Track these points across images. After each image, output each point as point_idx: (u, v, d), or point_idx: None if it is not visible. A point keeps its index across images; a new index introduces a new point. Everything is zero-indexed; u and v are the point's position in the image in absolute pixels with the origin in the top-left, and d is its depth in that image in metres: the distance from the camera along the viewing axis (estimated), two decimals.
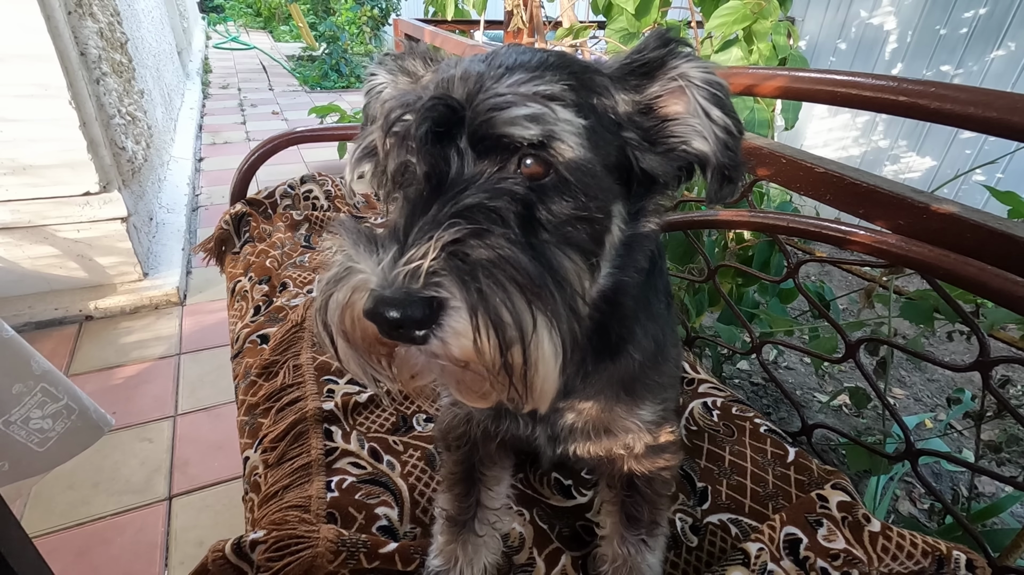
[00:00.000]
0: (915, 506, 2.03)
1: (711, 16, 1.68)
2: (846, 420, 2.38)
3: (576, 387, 0.67)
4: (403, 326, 0.41)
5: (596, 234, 0.54)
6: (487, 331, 0.41)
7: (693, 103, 0.54)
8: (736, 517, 0.96)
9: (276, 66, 7.95)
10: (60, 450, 0.97)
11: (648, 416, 0.72)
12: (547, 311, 0.44)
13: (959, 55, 3.29)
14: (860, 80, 0.87)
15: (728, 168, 0.56)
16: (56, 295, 2.45)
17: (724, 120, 0.54)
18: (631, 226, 0.58)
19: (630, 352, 0.66)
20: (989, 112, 0.73)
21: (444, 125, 0.49)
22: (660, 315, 0.70)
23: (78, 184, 2.30)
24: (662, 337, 0.70)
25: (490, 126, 0.48)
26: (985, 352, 0.85)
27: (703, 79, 0.54)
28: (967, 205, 0.83)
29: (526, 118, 0.47)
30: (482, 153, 0.49)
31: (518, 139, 0.47)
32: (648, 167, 0.56)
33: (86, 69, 2.25)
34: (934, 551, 0.85)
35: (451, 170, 0.49)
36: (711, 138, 0.54)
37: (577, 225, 0.51)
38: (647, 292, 0.67)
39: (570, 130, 0.48)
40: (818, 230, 1.03)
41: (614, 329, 0.64)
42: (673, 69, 0.55)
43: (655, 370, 0.70)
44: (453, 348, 0.42)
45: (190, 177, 3.80)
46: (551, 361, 0.44)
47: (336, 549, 0.78)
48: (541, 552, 0.87)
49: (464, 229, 0.43)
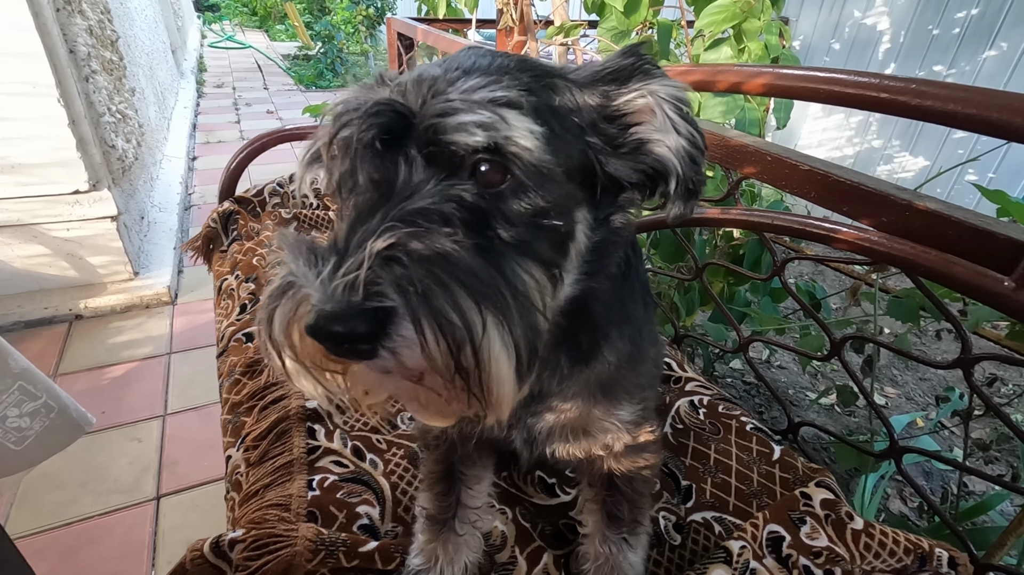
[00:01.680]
0: (906, 504, 2.03)
1: (701, 14, 1.68)
2: (838, 419, 2.38)
3: (552, 390, 0.66)
4: (348, 341, 0.39)
5: (558, 242, 0.52)
6: (434, 334, 0.39)
7: (660, 116, 0.54)
8: (720, 515, 0.95)
9: (271, 65, 7.93)
10: (38, 449, 0.96)
11: (627, 416, 0.71)
12: (496, 311, 0.42)
13: (952, 55, 3.30)
14: (842, 77, 0.86)
15: (692, 181, 0.56)
16: (46, 294, 2.44)
17: (690, 132, 0.55)
18: (599, 231, 0.57)
19: (605, 355, 0.66)
20: (968, 108, 0.73)
21: (392, 131, 0.48)
22: (636, 316, 0.69)
23: (67, 183, 2.29)
24: (639, 338, 0.69)
25: (437, 132, 0.46)
26: (967, 349, 0.85)
27: (670, 94, 0.54)
28: (948, 202, 0.83)
29: (474, 124, 0.45)
30: (431, 160, 0.48)
31: (463, 146, 0.46)
32: (613, 171, 0.55)
33: (75, 67, 2.24)
34: (916, 549, 0.85)
35: (399, 178, 0.47)
36: (677, 151, 0.55)
37: (537, 233, 0.50)
38: (623, 294, 0.66)
39: (524, 134, 0.47)
40: (803, 227, 1.03)
41: (586, 334, 0.63)
42: (641, 83, 0.55)
43: (632, 371, 0.69)
44: (404, 359, 0.40)
45: (183, 176, 3.78)
46: (504, 363, 0.42)
47: (315, 548, 0.77)
48: (523, 551, 0.86)
49: (401, 232, 0.42)
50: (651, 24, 2.03)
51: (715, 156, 1.16)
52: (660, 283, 1.88)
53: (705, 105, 1.70)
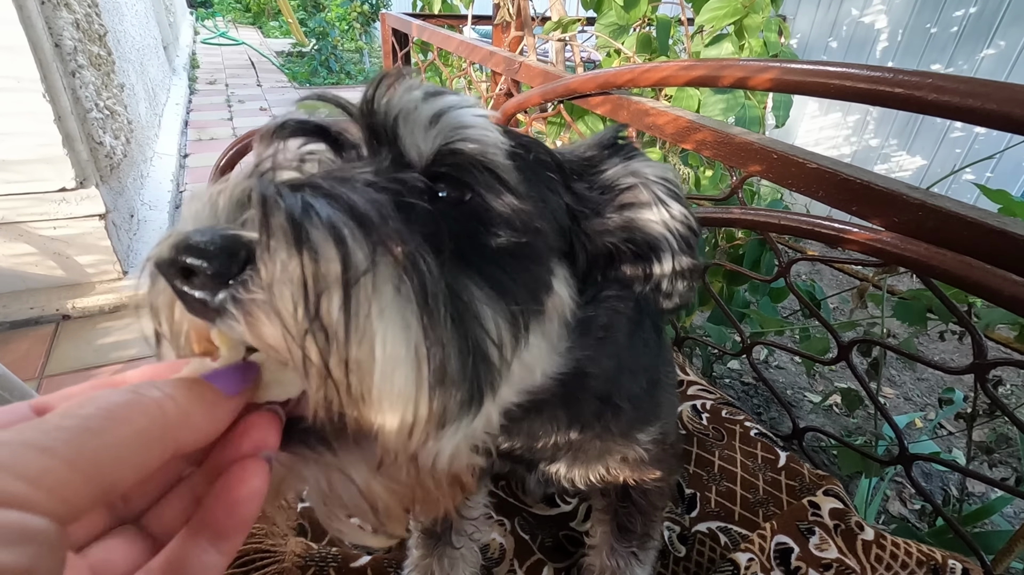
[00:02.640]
0: (905, 507, 2.01)
1: (701, 10, 1.65)
2: (837, 420, 2.36)
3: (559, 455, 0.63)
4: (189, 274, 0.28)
5: (530, 284, 0.43)
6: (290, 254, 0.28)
7: (650, 197, 0.51)
8: (725, 525, 0.92)
9: (265, 62, 7.85)
10: None
11: (646, 439, 0.68)
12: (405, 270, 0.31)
13: (949, 53, 3.29)
14: (855, 72, 0.83)
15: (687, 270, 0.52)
16: (32, 294, 2.38)
17: (683, 213, 0.52)
18: (591, 306, 0.52)
19: (616, 403, 0.61)
20: (989, 104, 0.70)
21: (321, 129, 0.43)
22: (650, 351, 0.65)
23: (54, 180, 2.23)
24: (655, 372, 0.66)
25: (388, 126, 0.41)
26: (982, 354, 0.82)
27: (657, 175, 0.52)
28: (962, 202, 0.80)
29: (431, 122, 0.40)
30: (374, 150, 0.42)
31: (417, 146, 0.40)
32: (590, 230, 0.50)
33: (61, 61, 2.18)
34: (929, 560, 0.82)
35: None
36: (672, 228, 0.51)
37: (502, 263, 0.41)
38: (634, 338, 0.62)
39: (489, 135, 0.41)
40: (811, 227, 1.00)
41: (590, 401, 0.59)
42: (624, 161, 0.52)
43: (649, 401, 0.66)
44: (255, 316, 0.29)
45: (174, 173, 3.72)
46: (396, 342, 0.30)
47: (304, 563, 0.74)
48: (522, 564, 0.83)
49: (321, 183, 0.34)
50: (650, 20, 2.00)
51: (718, 154, 1.12)
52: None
53: (705, 102, 1.67)
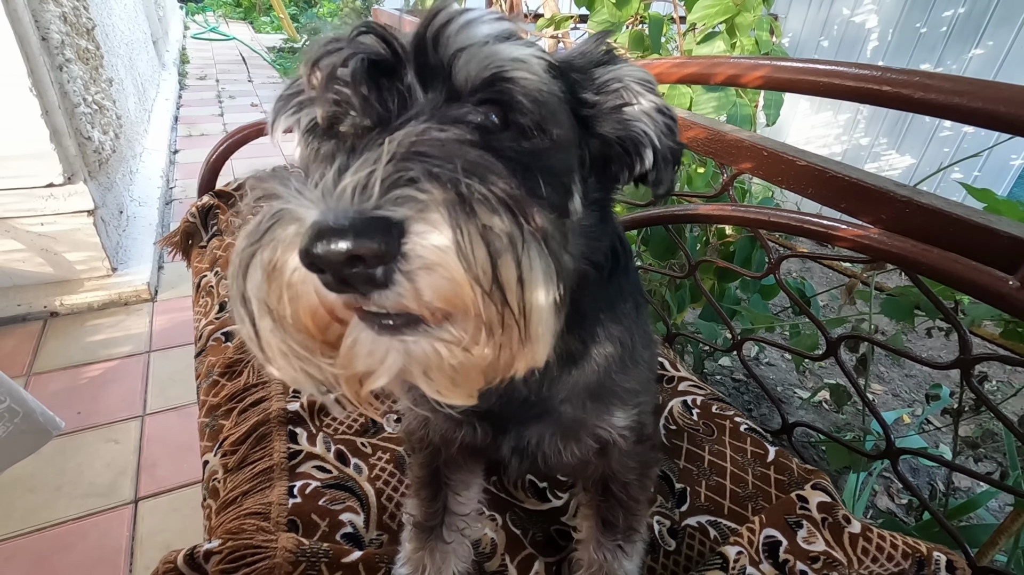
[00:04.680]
0: (893, 501, 2.04)
1: (694, 8, 1.66)
2: (826, 415, 2.38)
3: (541, 395, 0.63)
4: (356, 263, 0.30)
5: (563, 195, 0.50)
6: (470, 239, 0.32)
7: (632, 93, 0.56)
8: (715, 519, 0.93)
9: (256, 57, 7.78)
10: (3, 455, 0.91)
11: (620, 422, 0.68)
12: (533, 225, 0.37)
13: (938, 53, 3.32)
14: (843, 70, 0.84)
15: (671, 149, 0.57)
16: (19, 291, 2.35)
17: (658, 103, 0.56)
18: (587, 214, 0.55)
19: (593, 357, 0.63)
20: (974, 102, 0.70)
21: (382, 57, 0.44)
22: (626, 315, 0.66)
23: (41, 175, 2.21)
24: (629, 340, 0.66)
25: (441, 58, 0.43)
26: (967, 350, 0.83)
27: (636, 76, 0.56)
28: (949, 199, 0.81)
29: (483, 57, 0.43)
30: (429, 89, 0.44)
31: (471, 76, 0.43)
32: (601, 131, 0.55)
33: (48, 55, 2.16)
34: (914, 552, 0.84)
35: (394, 109, 0.43)
36: (651, 123, 0.56)
37: (545, 174, 0.46)
38: (611, 292, 0.63)
39: (533, 63, 0.45)
40: (801, 225, 1.01)
41: (575, 332, 0.60)
42: (611, 71, 0.56)
43: (624, 374, 0.66)
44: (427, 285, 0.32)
45: (164, 169, 3.69)
46: (543, 282, 0.36)
47: (295, 559, 0.74)
48: (513, 559, 0.83)
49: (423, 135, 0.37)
50: (642, 17, 2.01)
51: (710, 151, 1.13)
52: (651, 280, 1.86)
53: (697, 100, 1.68)
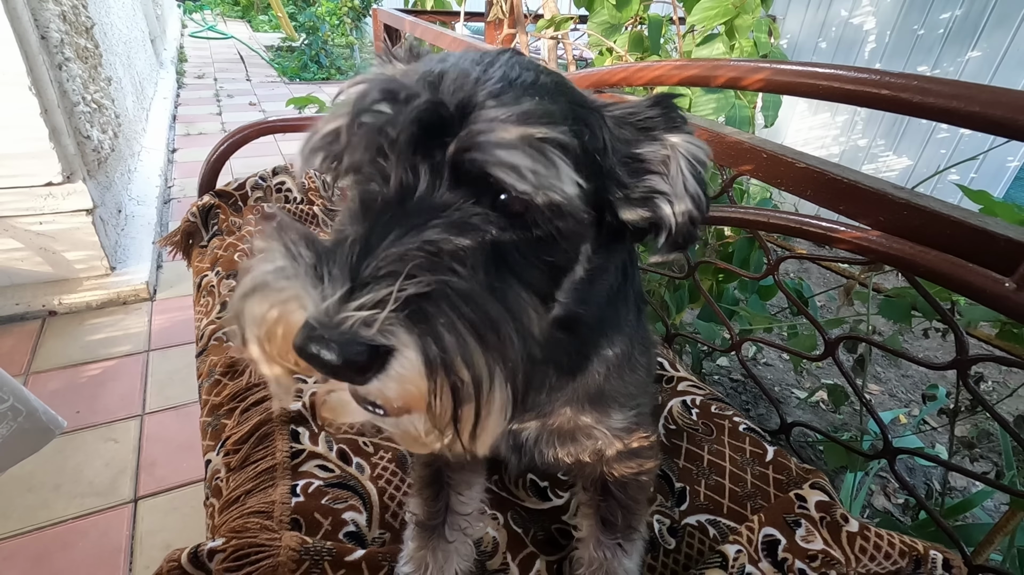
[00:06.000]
0: (890, 501, 2.05)
1: (693, 9, 1.66)
2: (823, 415, 2.40)
3: (539, 403, 0.64)
4: (339, 370, 0.36)
5: (557, 274, 0.52)
6: (442, 390, 0.38)
7: (674, 169, 0.53)
8: (714, 518, 0.94)
9: (254, 56, 7.77)
10: (5, 454, 0.91)
11: (618, 423, 0.70)
12: (504, 362, 0.41)
13: (936, 55, 3.33)
14: (842, 73, 0.85)
15: (683, 237, 0.55)
16: (17, 289, 2.35)
17: (697, 194, 0.53)
18: (593, 261, 0.55)
19: (594, 367, 0.64)
20: (972, 106, 0.71)
21: (429, 132, 0.44)
22: (628, 324, 0.67)
23: (40, 174, 2.20)
24: (629, 347, 0.67)
25: (482, 160, 0.43)
26: (963, 350, 0.84)
27: (689, 151, 0.53)
28: (946, 201, 0.82)
29: (527, 168, 0.42)
30: (459, 179, 0.44)
31: (508, 186, 0.43)
32: (624, 218, 0.54)
33: (47, 54, 2.15)
34: (911, 551, 0.84)
35: (419, 186, 0.44)
36: (680, 211, 0.54)
37: (542, 266, 0.49)
38: (616, 302, 0.64)
39: (570, 185, 0.45)
40: (799, 226, 1.02)
41: (574, 348, 0.62)
42: (666, 135, 0.53)
43: (621, 380, 0.68)
44: (395, 395, 0.38)
45: (162, 168, 3.68)
46: (498, 415, 0.41)
47: (298, 558, 0.74)
48: (515, 557, 0.84)
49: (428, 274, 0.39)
50: (642, 19, 2.01)
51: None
52: (651, 281, 1.87)
53: (696, 102, 1.69)
